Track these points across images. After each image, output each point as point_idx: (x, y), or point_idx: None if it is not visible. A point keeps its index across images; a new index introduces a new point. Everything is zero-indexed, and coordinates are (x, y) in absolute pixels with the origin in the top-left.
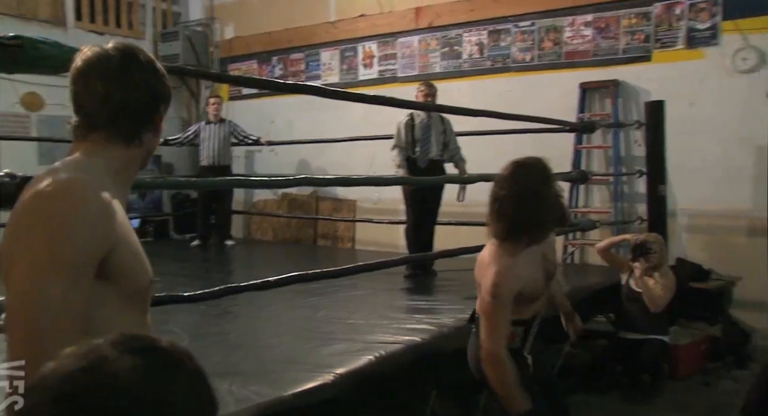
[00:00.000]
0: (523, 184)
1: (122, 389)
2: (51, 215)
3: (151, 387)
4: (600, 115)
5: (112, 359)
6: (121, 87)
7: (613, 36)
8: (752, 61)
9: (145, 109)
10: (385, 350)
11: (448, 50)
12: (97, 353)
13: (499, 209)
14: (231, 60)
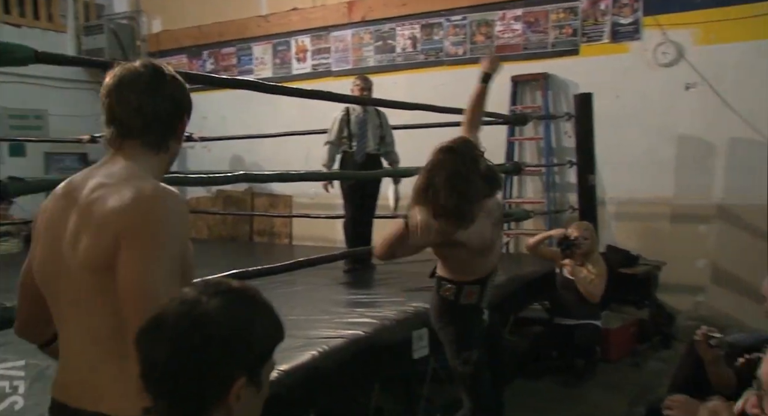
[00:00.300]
0: (453, 170)
1: (214, 323)
2: (158, 218)
3: (234, 319)
4: (531, 107)
5: (204, 301)
6: (152, 99)
7: (542, 30)
8: (671, 55)
9: (172, 118)
10: (327, 345)
11: (382, 44)
12: (192, 298)
13: (432, 195)
14: (160, 54)
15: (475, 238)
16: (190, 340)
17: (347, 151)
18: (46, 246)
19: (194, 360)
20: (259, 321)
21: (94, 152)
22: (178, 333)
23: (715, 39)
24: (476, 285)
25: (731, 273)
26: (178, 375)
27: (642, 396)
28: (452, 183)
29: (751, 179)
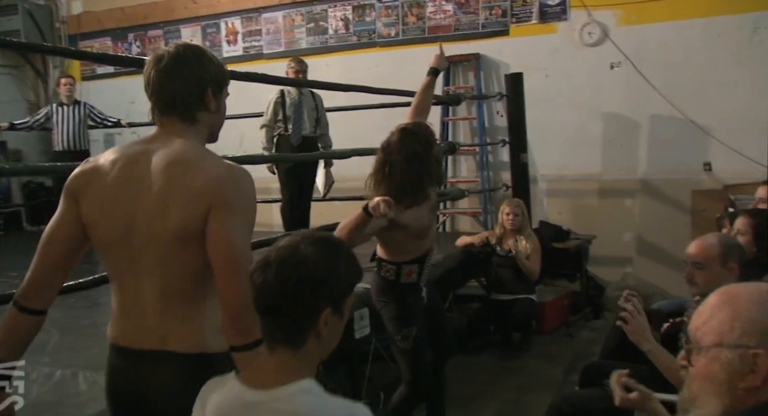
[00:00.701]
0: (411, 150)
1: (310, 265)
2: (249, 194)
3: (325, 263)
4: (464, 87)
5: (302, 248)
6: (175, 78)
7: (473, 11)
8: (597, 35)
9: (195, 92)
10: None
11: (314, 26)
12: (293, 245)
13: (389, 173)
14: (81, 37)
15: (415, 222)
16: (290, 278)
17: (282, 134)
18: (116, 216)
19: (293, 294)
20: (343, 264)
21: (14, 140)
22: (281, 272)
23: (636, 19)
24: (415, 264)
25: (655, 244)
26: (282, 305)
27: (576, 364)
28: (410, 161)
29: (672, 155)
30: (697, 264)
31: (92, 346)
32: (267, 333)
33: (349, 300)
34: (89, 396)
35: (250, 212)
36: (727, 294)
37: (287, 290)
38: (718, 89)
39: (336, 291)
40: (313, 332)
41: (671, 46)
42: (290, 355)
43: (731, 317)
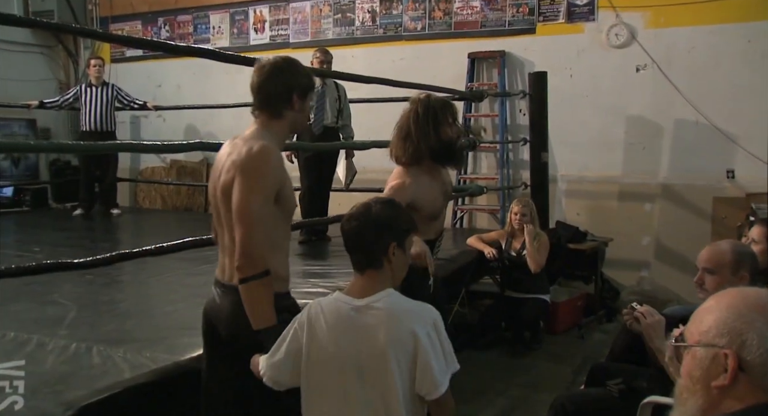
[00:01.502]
0: (422, 118)
1: (379, 215)
2: (258, 165)
3: (389, 215)
4: (487, 84)
5: (373, 206)
6: (267, 83)
7: (500, 8)
8: (624, 37)
9: (283, 95)
10: None
11: (341, 17)
12: (367, 204)
13: (405, 136)
14: (112, 19)
15: (428, 204)
16: (365, 221)
17: None
18: (210, 181)
19: (369, 232)
20: (402, 216)
21: (43, 118)
22: (360, 222)
23: (664, 22)
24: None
25: (673, 250)
26: (363, 242)
27: (586, 366)
28: (425, 124)
29: (695, 160)
30: (707, 270)
31: (108, 322)
32: (356, 262)
33: (409, 241)
34: (102, 369)
35: (259, 179)
36: (717, 297)
37: (366, 232)
38: (746, 96)
39: (397, 232)
40: (386, 259)
41: (699, 50)
42: (374, 275)
43: (712, 318)
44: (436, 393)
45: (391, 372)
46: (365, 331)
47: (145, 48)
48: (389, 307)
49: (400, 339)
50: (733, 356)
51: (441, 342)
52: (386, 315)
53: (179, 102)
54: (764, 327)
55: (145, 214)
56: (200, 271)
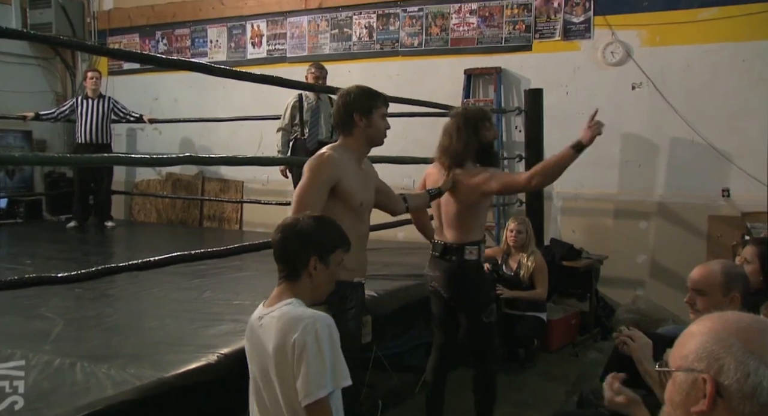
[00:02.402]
0: (463, 126)
1: (304, 229)
2: (311, 164)
3: (314, 228)
4: (484, 100)
5: (301, 219)
6: (337, 106)
7: (496, 25)
8: (619, 55)
9: (346, 115)
10: None
11: (338, 32)
12: (295, 218)
13: (449, 143)
14: (110, 32)
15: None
16: (290, 233)
17: (298, 138)
18: None
19: (292, 244)
20: (329, 232)
21: (39, 130)
22: (285, 233)
23: (660, 41)
24: (474, 246)
25: (669, 268)
26: (285, 253)
27: (579, 385)
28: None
29: (690, 179)
30: (698, 291)
31: (94, 337)
32: (279, 272)
33: (336, 257)
34: (84, 386)
35: (308, 177)
36: (700, 322)
37: (288, 243)
38: (741, 115)
39: (321, 246)
40: (306, 272)
41: (694, 69)
42: (290, 286)
43: (693, 343)
44: (306, 399)
45: (274, 379)
46: (260, 339)
47: (136, 61)
48: (280, 315)
49: (283, 346)
50: (711, 381)
51: (320, 351)
52: (275, 323)
53: (176, 115)
54: (741, 351)
55: (140, 227)
56: (191, 286)
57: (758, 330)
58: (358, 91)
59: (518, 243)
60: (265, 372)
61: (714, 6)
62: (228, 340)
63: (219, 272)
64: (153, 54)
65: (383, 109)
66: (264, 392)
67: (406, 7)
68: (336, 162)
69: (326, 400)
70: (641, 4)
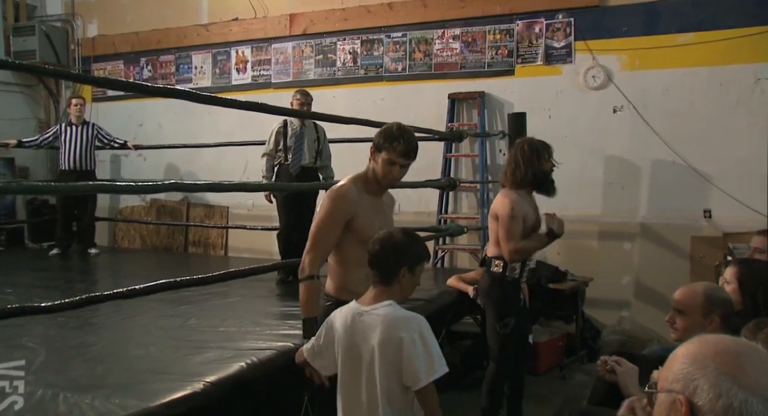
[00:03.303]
0: (528, 152)
1: (398, 242)
2: (333, 197)
3: (405, 242)
4: (467, 124)
5: (395, 234)
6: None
7: (479, 50)
8: (601, 79)
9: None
10: (257, 356)
11: (323, 58)
12: (390, 232)
13: (514, 167)
14: (95, 59)
15: (528, 218)
16: (385, 246)
17: (283, 164)
18: None
19: (387, 255)
20: (416, 245)
21: (22, 157)
22: (382, 243)
23: (640, 65)
24: (518, 262)
25: (653, 289)
26: (381, 262)
27: (567, 407)
28: (529, 159)
29: (673, 200)
30: (679, 310)
31: (78, 367)
32: (373, 277)
33: (420, 268)
34: None
35: (325, 210)
36: (685, 344)
37: (384, 254)
38: (720, 137)
39: (410, 258)
40: (396, 279)
41: (674, 92)
42: (383, 289)
43: (674, 364)
44: (418, 384)
45: (376, 366)
46: (363, 330)
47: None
48: (385, 314)
49: (388, 340)
50: (685, 402)
51: (425, 346)
52: (381, 320)
53: (161, 141)
54: (715, 373)
55: (124, 254)
56: (176, 313)
57: (734, 352)
58: (381, 129)
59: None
60: (363, 360)
61: (691, 31)
62: (213, 368)
63: (204, 298)
64: (138, 82)
65: (386, 155)
66: (358, 379)
67: (389, 32)
68: (352, 197)
69: (433, 384)
70: (620, 29)
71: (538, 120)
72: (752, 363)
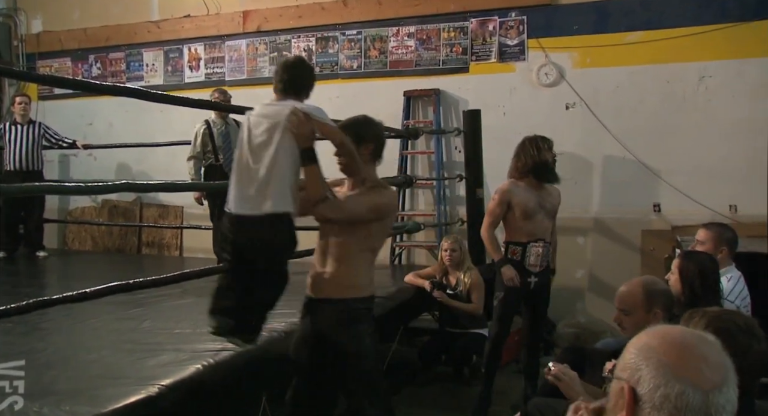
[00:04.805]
0: (528, 145)
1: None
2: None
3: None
4: (423, 121)
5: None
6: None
7: (434, 47)
8: (553, 77)
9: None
10: (214, 358)
11: (277, 55)
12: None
13: (516, 158)
14: (39, 56)
15: (519, 206)
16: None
17: (213, 165)
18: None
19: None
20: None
21: None
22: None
23: (591, 63)
24: (518, 246)
25: (606, 282)
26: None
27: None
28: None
29: (624, 195)
30: (622, 311)
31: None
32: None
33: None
34: None
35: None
36: (638, 335)
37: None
38: (668, 133)
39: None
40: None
41: (624, 89)
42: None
43: (626, 354)
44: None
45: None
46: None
47: (67, 88)
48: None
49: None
50: (629, 389)
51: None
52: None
53: (112, 140)
54: (657, 363)
55: (75, 257)
56: (130, 316)
57: (680, 344)
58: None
59: (453, 261)
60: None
61: (639, 30)
62: (168, 371)
63: (159, 300)
64: (86, 80)
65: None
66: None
67: (344, 30)
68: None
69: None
70: (571, 28)
71: (492, 117)
72: (696, 354)
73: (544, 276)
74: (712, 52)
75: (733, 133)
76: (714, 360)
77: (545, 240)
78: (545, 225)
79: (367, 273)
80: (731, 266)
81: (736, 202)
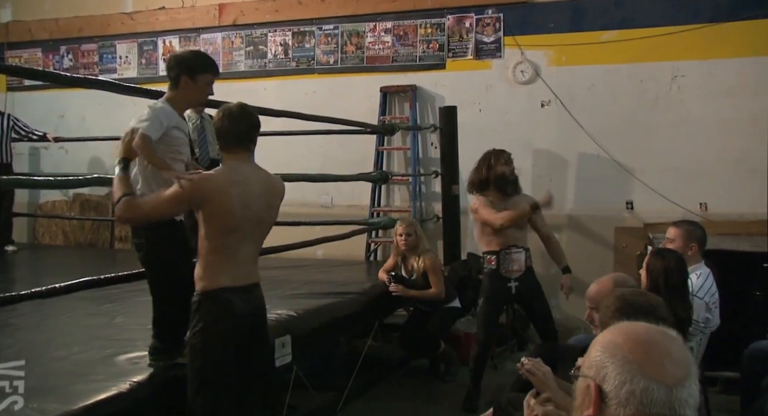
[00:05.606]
0: (481, 160)
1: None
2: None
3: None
4: (400, 118)
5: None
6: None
7: (410, 43)
8: (529, 74)
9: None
10: None
11: (253, 49)
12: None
13: (475, 173)
14: (9, 46)
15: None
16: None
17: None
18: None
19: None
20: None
21: None
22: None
23: (566, 61)
24: (493, 254)
25: (580, 279)
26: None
27: (498, 394)
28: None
29: (597, 192)
30: (594, 308)
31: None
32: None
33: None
34: None
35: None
36: (604, 332)
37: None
38: (641, 132)
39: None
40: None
41: (598, 88)
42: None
43: (593, 351)
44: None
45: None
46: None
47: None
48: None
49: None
50: (595, 387)
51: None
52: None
53: (84, 133)
54: (622, 361)
55: (45, 251)
56: (102, 311)
57: (644, 340)
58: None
59: (409, 245)
60: None
61: (614, 29)
62: (140, 368)
63: (132, 296)
64: (56, 71)
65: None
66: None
67: (321, 25)
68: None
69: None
70: (547, 26)
71: (468, 113)
72: (660, 351)
73: (526, 278)
74: (684, 52)
75: (704, 132)
76: (677, 356)
77: (518, 245)
78: (516, 234)
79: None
80: (701, 263)
81: (706, 200)
